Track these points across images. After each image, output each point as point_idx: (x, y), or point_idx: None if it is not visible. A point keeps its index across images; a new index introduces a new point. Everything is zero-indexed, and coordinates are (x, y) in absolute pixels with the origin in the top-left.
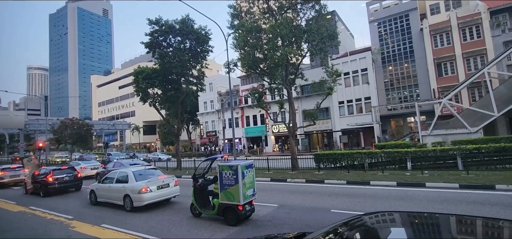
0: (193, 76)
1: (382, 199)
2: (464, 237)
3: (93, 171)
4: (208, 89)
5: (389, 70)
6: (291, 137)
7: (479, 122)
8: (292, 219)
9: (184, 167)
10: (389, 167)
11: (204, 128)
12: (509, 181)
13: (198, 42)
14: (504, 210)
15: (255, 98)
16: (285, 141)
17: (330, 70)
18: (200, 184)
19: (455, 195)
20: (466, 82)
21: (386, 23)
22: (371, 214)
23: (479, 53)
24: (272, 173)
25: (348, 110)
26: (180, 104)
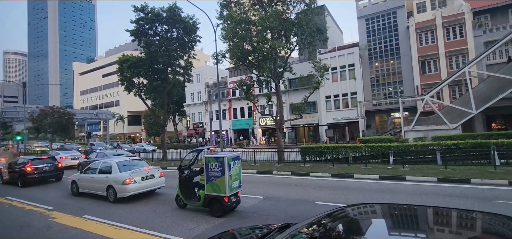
0: (180, 66)
1: (364, 192)
2: (439, 227)
3: (73, 161)
4: (195, 80)
5: (375, 66)
6: (278, 130)
7: (458, 119)
8: (277, 211)
9: (170, 159)
10: (372, 161)
11: (190, 119)
12: (483, 175)
13: (186, 32)
14: (478, 202)
15: (243, 90)
16: (272, 134)
17: (318, 65)
18: (186, 176)
19: (433, 189)
20: (447, 80)
21: (374, 19)
22: (354, 206)
23: (461, 52)
24: (258, 166)
25: (335, 105)
26: (166, 94)
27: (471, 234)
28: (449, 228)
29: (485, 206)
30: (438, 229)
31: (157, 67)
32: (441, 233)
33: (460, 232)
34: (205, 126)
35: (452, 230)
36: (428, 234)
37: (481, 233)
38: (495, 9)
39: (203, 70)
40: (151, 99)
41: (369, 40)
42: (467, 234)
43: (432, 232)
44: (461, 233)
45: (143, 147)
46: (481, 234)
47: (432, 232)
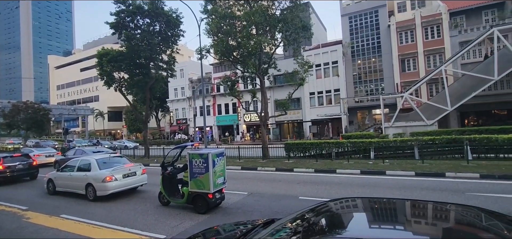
0: (163, 61)
1: (346, 186)
2: (416, 219)
3: (48, 158)
4: (179, 75)
5: (357, 64)
6: (263, 126)
7: (435, 116)
8: (262, 206)
9: (153, 155)
10: (354, 156)
11: (174, 115)
12: (457, 169)
13: (169, 26)
14: (452, 195)
15: (228, 86)
16: (256, 130)
17: (302, 61)
18: (169, 172)
19: (411, 182)
20: (425, 78)
21: (357, 18)
22: (336, 201)
23: (438, 51)
24: (243, 162)
25: (319, 101)
26: (148, 90)
27: (445, 225)
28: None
29: (458, 198)
30: (415, 220)
31: (138, 62)
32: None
33: (436, 223)
34: (189, 122)
35: (428, 221)
36: (406, 226)
37: (454, 224)
38: (470, 10)
39: (187, 65)
40: (133, 94)
41: (352, 38)
42: (442, 225)
43: (410, 224)
44: (436, 224)
45: (124, 144)
46: (455, 224)
47: (410, 224)
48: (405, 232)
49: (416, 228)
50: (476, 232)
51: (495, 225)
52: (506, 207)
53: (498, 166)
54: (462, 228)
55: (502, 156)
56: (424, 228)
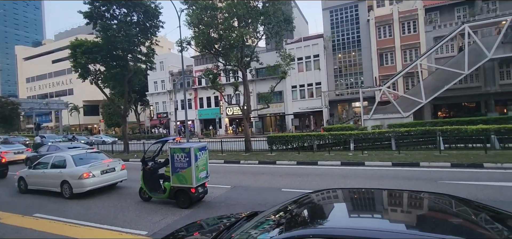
0: (142, 53)
1: (327, 178)
2: (393, 207)
3: (17, 155)
4: (158, 68)
5: (338, 58)
6: (245, 119)
7: (410, 108)
8: (245, 199)
9: (132, 150)
10: (335, 148)
11: (154, 109)
12: (430, 159)
13: (147, 16)
14: (425, 183)
15: (209, 79)
16: (239, 124)
17: (284, 55)
18: (150, 168)
19: (388, 172)
20: (402, 72)
21: (338, 12)
22: (317, 192)
23: (414, 46)
24: (225, 155)
25: (300, 94)
26: (127, 82)
27: (419, 212)
28: (401, 207)
29: (431, 186)
30: (391, 209)
31: (116, 54)
32: (394, 213)
33: (410, 211)
34: (170, 116)
35: (404, 209)
36: (383, 214)
37: (427, 211)
38: (443, 7)
39: (167, 58)
40: (110, 87)
41: (333, 32)
42: (416, 212)
43: (387, 212)
44: (411, 211)
45: (101, 139)
46: (428, 211)
47: (387, 212)
48: (382, 220)
49: (393, 216)
50: (447, 218)
51: (464, 211)
52: (474, 193)
53: (467, 156)
54: (435, 215)
55: (470, 146)
56: (400, 215)
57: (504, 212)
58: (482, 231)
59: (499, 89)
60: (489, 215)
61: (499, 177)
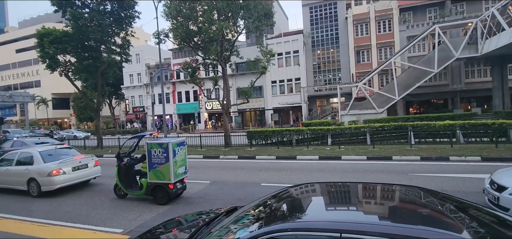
0: (116, 44)
1: (306, 172)
2: (367, 199)
3: None
4: (134, 60)
5: (317, 54)
6: (225, 114)
7: (385, 104)
8: (224, 194)
9: (107, 146)
10: (313, 142)
11: (130, 103)
12: (402, 153)
13: (122, 6)
14: (397, 176)
15: (188, 73)
16: (218, 118)
17: (264, 50)
18: (125, 164)
19: (363, 166)
20: (377, 70)
21: (317, 8)
22: (296, 186)
23: (389, 44)
24: (205, 150)
25: (280, 90)
26: (100, 75)
27: (391, 203)
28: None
29: (403, 178)
30: (366, 201)
31: (88, 44)
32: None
33: (383, 202)
34: (147, 110)
35: (377, 201)
36: (358, 206)
37: (399, 202)
38: (416, 7)
39: (144, 50)
40: (82, 80)
41: (313, 28)
42: (388, 203)
43: (361, 205)
44: (383, 203)
45: (73, 134)
46: (399, 203)
47: (361, 205)
48: (357, 212)
49: (367, 207)
50: (417, 209)
51: (431, 202)
52: (441, 185)
53: (435, 149)
54: (405, 206)
55: (438, 140)
56: (373, 207)
57: (466, 202)
58: (447, 220)
59: (465, 87)
60: (453, 205)
61: (463, 169)
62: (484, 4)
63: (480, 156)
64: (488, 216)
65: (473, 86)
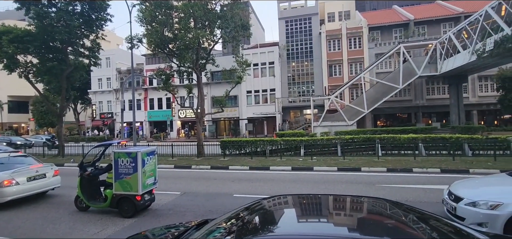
0: (85, 46)
1: (279, 183)
2: (337, 211)
3: None
4: (104, 64)
5: (292, 66)
6: (198, 123)
7: (355, 117)
8: (196, 206)
9: (69, 154)
10: (286, 153)
11: (97, 108)
12: (370, 164)
13: (93, 8)
14: (366, 187)
15: (162, 80)
16: (192, 127)
17: (240, 60)
18: (89, 173)
19: (334, 177)
20: (348, 84)
21: (293, 22)
22: (268, 198)
23: (359, 60)
24: (176, 160)
25: (255, 100)
26: (65, 78)
27: (360, 215)
28: (344, 211)
29: (370, 189)
30: (336, 213)
31: (53, 45)
32: (338, 217)
33: (352, 214)
34: (116, 116)
35: (347, 213)
36: (329, 218)
37: (367, 214)
38: (384, 27)
39: (115, 54)
40: (44, 82)
41: (288, 41)
42: (357, 215)
43: (332, 216)
44: (352, 215)
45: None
46: (367, 214)
47: (332, 216)
48: (327, 224)
49: (337, 219)
50: (383, 220)
51: (396, 213)
52: (405, 196)
53: (400, 161)
54: (373, 217)
55: (403, 152)
56: (343, 219)
57: (427, 213)
58: (410, 230)
59: (426, 103)
60: (415, 216)
61: (424, 180)
62: (443, 27)
63: (440, 168)
64: (446, 227)
65: (433, 102)
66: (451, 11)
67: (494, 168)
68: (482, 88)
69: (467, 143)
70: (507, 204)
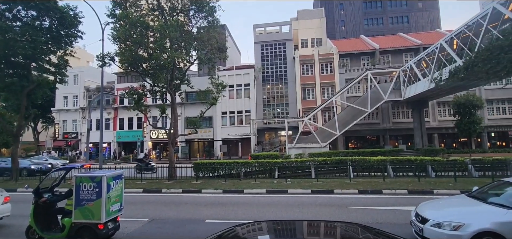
0: (51, 63)
1: (253, 207)
2: (311, 237)
3: None
4: (72, 81)
5: (267, 88)
6: (170, 144)
7: (327, 139)
8: (164, 234)
9: (24, 177)
10: (261, 175)
11: (60, 128)
12: (343, 186)
13: (63, 24)
14: (338, 209)
15: (133, 99)
16: (164, 148)
17: (216, 81)
18: (45, 200)
19: (308, 199)
20: (320, 107)
21: (268, 46)
22: (242, 225)
23: (330, 84)
24: (145, 183)
25: (230, 121)
26: (25, 95)
27: None
28: (318, 236)
29: (343, 212)
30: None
31: (14, 60)
32: None
33: None
34: (81, 137)
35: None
36: None
37: None
38: (352, 54)
39: (84, 71)
40: (1, 99)
41: (263, 64)
42: None
43: None
44: None
45: None
46: None
47: None
48: None
49: None
50: None
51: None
52: (375, 218)
53: (370, 183)
54: None
55: (373, 174)
56: None
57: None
58: None
59: (393, 126)
60: None
61: (393, 201)
62: (404, 57)
63: (407, 189)
64: None
65: (399, 125)
66: (411, 42)
67: (455, 188)
68: (441, 113)
69: (431, 165)
70: (468, 225)
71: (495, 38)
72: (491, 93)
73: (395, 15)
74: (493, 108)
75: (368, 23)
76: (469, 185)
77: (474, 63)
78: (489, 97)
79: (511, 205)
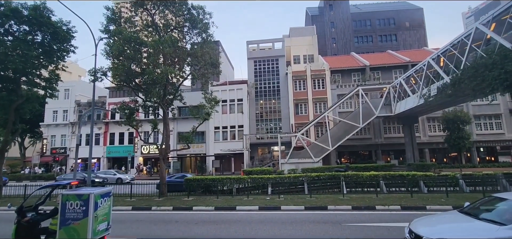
0: (42, 77)
1: (245, 225)
2: None
3: None
4: (62, 96)
5: (260, 103)
6: (162, 160)
7: (320, 154)
8: None
9: (8, 195)
10: (254, 191)
11: (49, 143)
12: (336, 202)
13: (56, 39)
14: (332, 226)
15: (125, 114)
16: (155, 164)
17: (209, 97)
18: (29, 220)
19: (301, 216)
20: (313, 122)
21: (261, 62)
22: None
23: (322, 100)
24: (135, 201)
25: (223, 136)
26: (13, 110)
27: None
28: None
29: (337, 229)
30: None
31: (4, 74)
32: None
33: None
34: (70, 152)
35: None
36: None
37: None
38: (344, 70)
39: (75, 86)
40: None
41: (256, 80)
42: None
43: None
44: None
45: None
46: None
47: None
48: None
49: None
50: None
51: None
52: (370, 235)
53: (363, 199)
54: None
55: (366, 189)
56: None
57: None
58: None
59: (384, 141)
60: None
61: (387, 218)
62: (394, 73)
63: (400, 205)
64: None
65: (390, 140)
66: (399, 59)
67: (447, 204)
68: (431, 128)
69: (423, 180)
70: None
71: (480, 56)
72: (478, 109)
73: (384, 34)
74: (481, 123)
75: (358, 40)
76: (461, 201)
77: (461, 80)
78: (476, 113)
79: (502, 222)
